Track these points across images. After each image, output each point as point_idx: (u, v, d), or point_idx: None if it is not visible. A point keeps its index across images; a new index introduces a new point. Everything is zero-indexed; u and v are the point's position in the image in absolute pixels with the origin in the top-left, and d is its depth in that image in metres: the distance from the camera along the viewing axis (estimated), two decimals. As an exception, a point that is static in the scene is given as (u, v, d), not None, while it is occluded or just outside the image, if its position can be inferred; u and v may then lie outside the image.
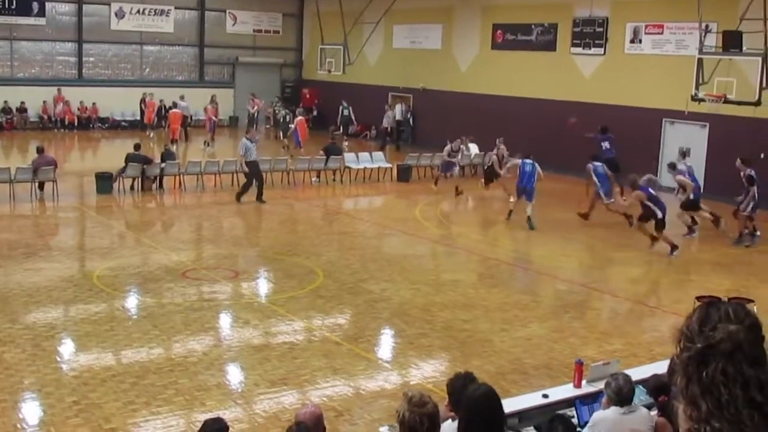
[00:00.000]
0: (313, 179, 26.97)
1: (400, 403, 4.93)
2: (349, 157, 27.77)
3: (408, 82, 37.15)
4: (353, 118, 38.23)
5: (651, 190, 17.84)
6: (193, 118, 38.85)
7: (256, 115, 37.15)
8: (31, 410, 9.80)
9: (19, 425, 9.30)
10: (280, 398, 10.15)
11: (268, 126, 40.35)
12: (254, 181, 23.12)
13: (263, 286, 15.53)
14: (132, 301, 14.20)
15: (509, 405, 6.98)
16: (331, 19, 37.46)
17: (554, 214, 22.08)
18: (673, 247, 17.66)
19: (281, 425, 8.69)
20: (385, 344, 12.70)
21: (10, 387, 10.22)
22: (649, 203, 17.47)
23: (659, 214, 17.37)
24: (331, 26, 37.84)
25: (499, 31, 33.32)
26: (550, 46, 31.16)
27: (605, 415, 6.57)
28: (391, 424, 7.08)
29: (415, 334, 12.62)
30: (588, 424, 6.63)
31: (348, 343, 12.13)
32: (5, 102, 38.32)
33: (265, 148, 30.84)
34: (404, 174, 27.66)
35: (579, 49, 29.95)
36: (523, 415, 7.44)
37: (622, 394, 6.51)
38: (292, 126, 32.36)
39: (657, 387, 7.09)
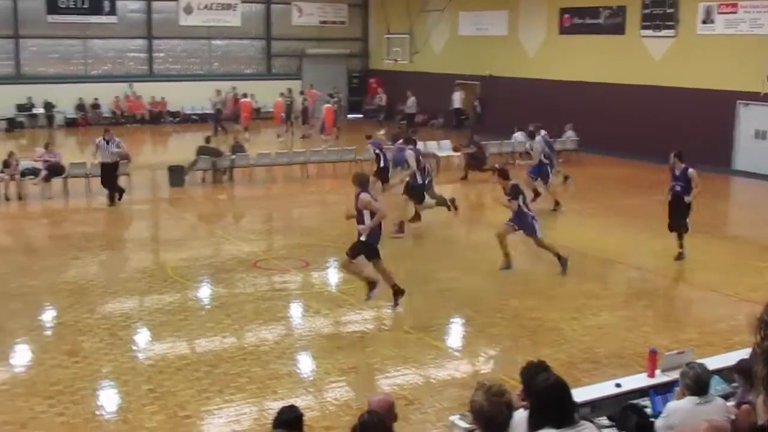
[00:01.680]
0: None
1: (476, 393, 4.90)
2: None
3: (474, 69, 36.94)
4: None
5: None
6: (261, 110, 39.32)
7: (310, 107, 37.19)
8: (108, 397, 10.04)
9: (97, 412, 9.54)
10: (351, 387, 10.22)
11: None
12: None
13: (333, 276, 15.62)
14: (205, 291, 14.42)
15: (581, 394, 6.93)
16: (396, 8, 37.46)
17: (623, 200, 21.80)
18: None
19: (352, 413, 8.75)
20: (455, 333, 12.70)
21: (89, 375, 10.47)
22: None
23: None
24: (397, 15, 37.84)
25: (566, 15, 32.92)
26: (619, 29, 30.66)
27: (680, 405, 6.48)
28: (461, 413, 7.08)
29: (484, 323, 12.59)
30: (662, 415, 6.55)
31: (418, 332, 12.16)
32: (80, 99, 39.17)
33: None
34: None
35: (649, 32, 29.42)
36: (596, 405, 7.38)
37: (701, 383, 6.41)
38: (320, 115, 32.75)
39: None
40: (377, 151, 20.50)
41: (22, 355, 11.45)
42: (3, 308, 13.12)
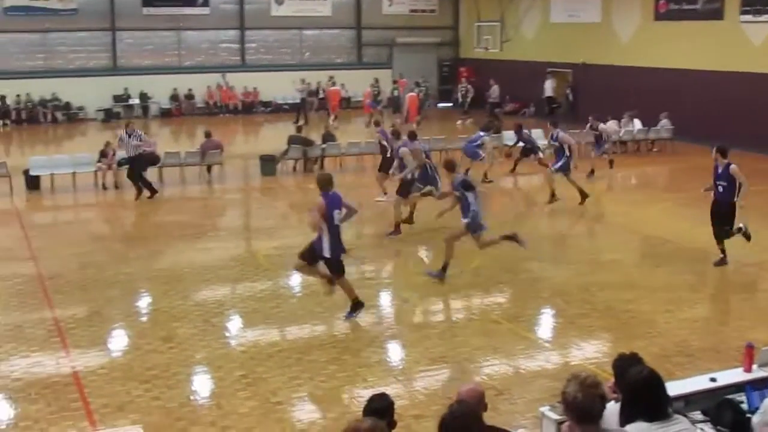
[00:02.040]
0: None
1: (569, 384, 4.84)
2: (508, 135, 27.51)
3: (566, 57, 36.44)
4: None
5: None
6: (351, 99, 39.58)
7: (401, 96, 37.18)
8: (202, 383, 10.25)
9: (191, 397, 9.75)
10: (440, 376, 10.23)
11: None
12: None
13: (423, 264, 15.63)
14: (296, 280, 14.56)
15: (675, 388, 6.80)
16: (487, -5, 37.18)
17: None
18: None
19: (441, 403, 8.74)
20: (546, 324, 12.58)
21: (184, 360, 10.70)
22: None
23: None
24: (487, 3, 37.58)
25: (661, 1, 32.17)
26: (717, 14, 29.82)
27: (777, 400, 6.31)
28: (552, 404, 7.02)
29: (575, 314, 12.45)
30: (759, 411, 6.38)
31: (508, 322, 12.09)
32: (174, 89, 39.99)
33: (427, 128, 30.98)
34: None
35: (749, 17, 28.56)
36: (690, 399, 7.23)
37: None
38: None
39: None
40: (384, 141, 20.38)
41: (119, 341, 11.76)
42: (101, 295, 13.48)
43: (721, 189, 14.33)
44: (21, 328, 11.95)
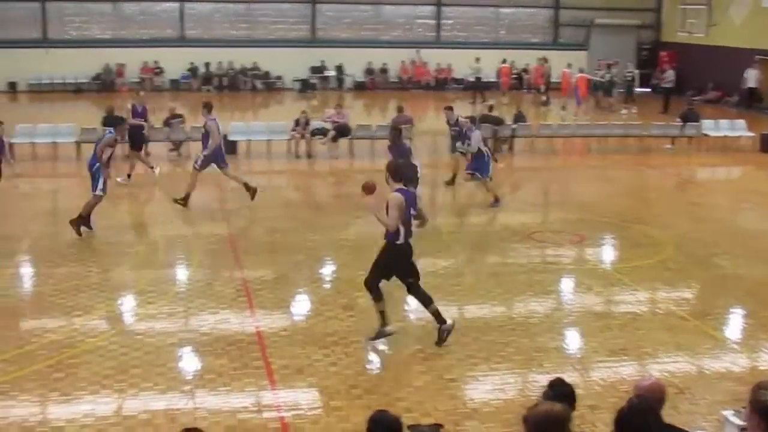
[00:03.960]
0: (667, 146, 25.99)
1: (765, 393, 4.58)
2: (707, 124, 26.45)
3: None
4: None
5: None
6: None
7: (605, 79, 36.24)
8: (379, 353, 10.37)
9: (368, 366, 9.90)
10: (619, 368, 9.95)
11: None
12: None
13: (608, 253, 15.26)
14: (477, 259, 14.53)
15: None
16: (694, -23, 35.69)
17: None
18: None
19: (618, 395, 8.53)
20: (735, 324, 12.00)
21: (363, 330, 10.86)
22: None
23: None
24: (695, -16, 36.05)
25: None
26: None
27: None
28: (736, 408, 6.71)
29: (769, 316, 11.84)
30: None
31: (695, 319, 11.62)
32: (369, 63, 40.62)
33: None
34: (768, 144, 25.81)
35: None
36: None
37: None
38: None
39: None
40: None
41: (302, 305, 12.09)
42: (287, 259, 13.89)
43: None
44: (211, 285, 12.48)
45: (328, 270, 13.88)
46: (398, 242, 10.31)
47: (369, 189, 10.46)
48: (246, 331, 10.77)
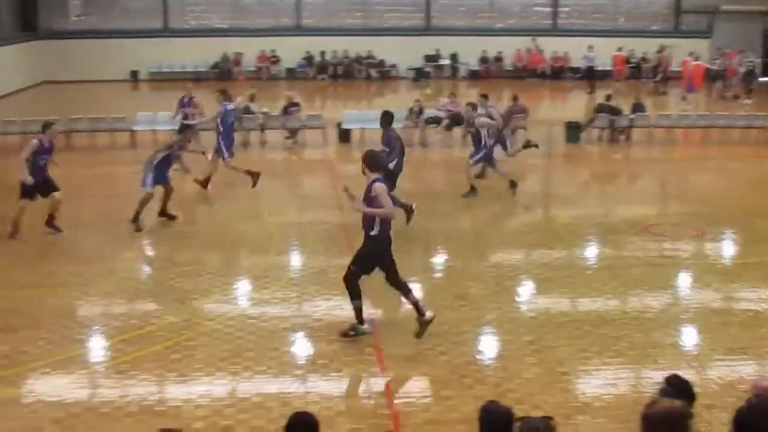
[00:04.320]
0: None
1: None
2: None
3: None
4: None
5: None
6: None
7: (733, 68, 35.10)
8: (489, 343, 10.35)
9: (477, 356, 9.86)
10: (738, 367, 9.64)
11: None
12: None
13: (728, 248, 14.81)
14: (592, 251, 14.32)
15: None
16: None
17: None
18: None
19: (736, 395, 8.28)
20: None
21: (474, 319, 10.85)
22: None
23: None
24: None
25: None
26: None
27: None
28: None
29: None
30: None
31: (822, 318, 11.17)
32: (483, 51, 40.37)
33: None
34: None
35: None
36: None
37: None
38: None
39: None
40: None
41: (414, 293, 12.09)
42: (399, 247, 13.82)
43: None
44: (325, 272, 12.62)
45: (439, 259, 13.89)
46: (372, 233, 10.12)
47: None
48: (357, 318, 10.84)
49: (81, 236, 14.78)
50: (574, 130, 24.07)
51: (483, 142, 17.48)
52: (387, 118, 15.32)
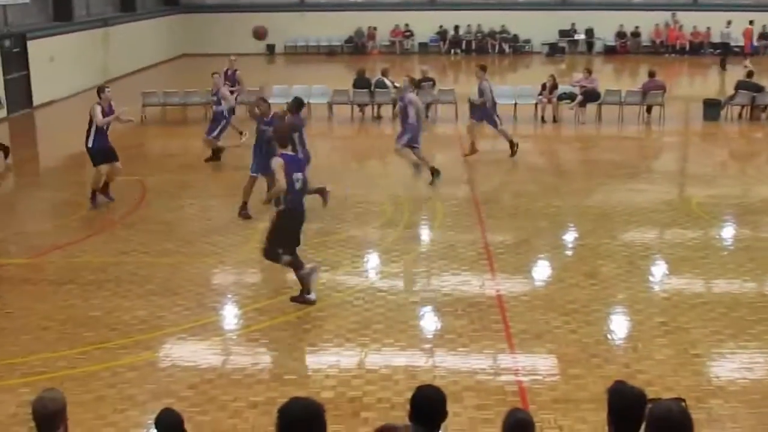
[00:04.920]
0: None
1: None
2: None
3: None
4: None
5: None
6: None
7: None
8: (620, 323, 10.19)
9: (608, 336, 9.72)
10: None
11: None
12: None
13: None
14: (729, 232, 13.88)
15: None
16: None
17: None
18: None
19: None
20: None
21: (605, 299, 10.70)
22: None
23: None
24: None
25: None
26: None
27: None
28: None
29: None
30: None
31: None
32: (620, 26, 39.45)
33: None
34: None
35: None
36: None
37: None
38: None
39: None
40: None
41: (543, 271, 12.03)
42: (530, 224, 13.84)
43: None
44: (454, 247, 12.65)
45: (570, 237, 13.72)
46: (279, 207, 10.45)
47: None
48: (486, 294, 10.85)
49: (216, 207, 15.22)
50: (712, 108, 23.29)
51: (408, 121, 16.48)
52: (295, 103, 14.97)
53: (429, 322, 10.19)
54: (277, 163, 10.30)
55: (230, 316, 10.48)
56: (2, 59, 24.50)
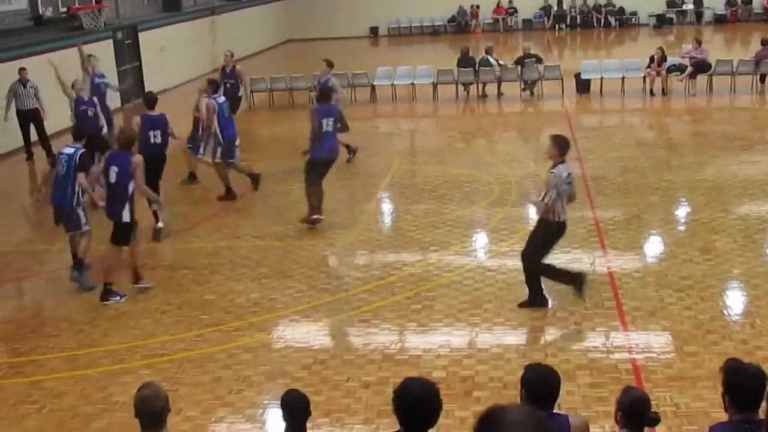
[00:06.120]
0: None
1: None
2: None
3: None
4: None
5: None
6: None
7: None
8: (737, 299, 9.94)
9: (725, 311, 9.48)
10: None
11: None
12: None
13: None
14: None
15: None
16: None
17: None
18: None
19: None
20: None
21: (720, 274, 10.45)
22: None
23: None
24: None
25: None
26: None
27: None
28: None
29: None
30: None
31: None
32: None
33: None
34: None
35: None
36: None
37: None
38: None
39: None
40: None
41: (655, 247, 11.81)
42: (641, 200, 13.59)
43: None
44: (563, 224, 12.49)
45: (682, 211, 13.41)
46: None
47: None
48: (597, 271, 10.71)
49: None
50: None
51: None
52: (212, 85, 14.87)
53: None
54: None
55: (341, 297, 10.61)
56: (115, 51, 25.26)
